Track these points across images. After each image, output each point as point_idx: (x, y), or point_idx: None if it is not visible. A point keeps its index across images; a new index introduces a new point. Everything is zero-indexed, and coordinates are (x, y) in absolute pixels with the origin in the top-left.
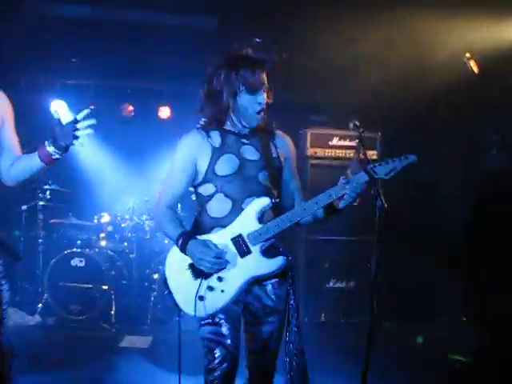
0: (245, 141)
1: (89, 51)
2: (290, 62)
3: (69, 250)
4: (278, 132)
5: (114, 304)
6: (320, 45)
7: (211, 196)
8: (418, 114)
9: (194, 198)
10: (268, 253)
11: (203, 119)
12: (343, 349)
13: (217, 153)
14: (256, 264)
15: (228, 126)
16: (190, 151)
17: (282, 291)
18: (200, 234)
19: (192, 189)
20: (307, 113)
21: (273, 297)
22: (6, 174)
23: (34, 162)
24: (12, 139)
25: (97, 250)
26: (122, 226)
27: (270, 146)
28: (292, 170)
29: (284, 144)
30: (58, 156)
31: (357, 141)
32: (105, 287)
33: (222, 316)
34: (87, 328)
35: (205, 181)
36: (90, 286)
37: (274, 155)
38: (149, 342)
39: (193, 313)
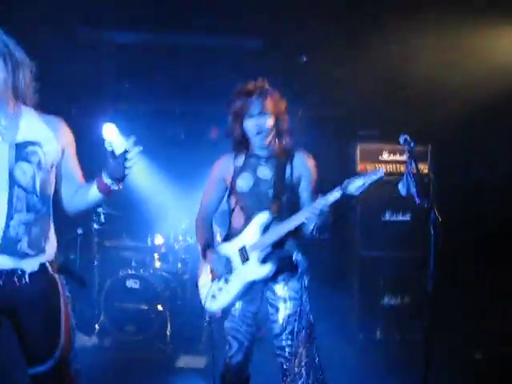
0: (262, 162)
1: (139, 76)
2: (339, 77)
3: (124, 272)
4: (299, 153)
5: (169, 324)
6: (369, 59)
7: (233, 209)
8: (470, 125)
9: None
10: (267, 259)
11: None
12: (400, 366)
13: (238, 172)
14: (252, 270)
15: (251, 150)
16: (220, 173)
17: (294, 283)
18: (227, 240)
19: None
20: (356, 128)
21: (285, 288)
22: (69, 202)
23: (94, 192)
24: (74, 168)
25: (151, 271)
26: (176, 247)
27: (286, 165)
28: (306, 187)
29: (301, 163)
30: (115, 187)
31: (407, 155)
32: (160, 308)
33: (237, 313)
34: (143, 348)
35: (229, 196)
36: (146, 307)
37: (288, 174)
38: (204, 361)
39: (208, 308)
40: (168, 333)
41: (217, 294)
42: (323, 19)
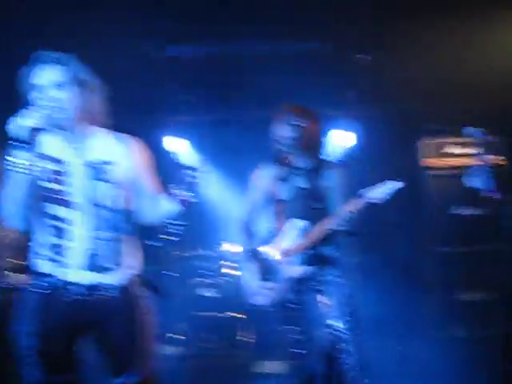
0: (300, 172)
1: (201, 87)
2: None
3: (202, 281)
4: (331, 164)
5: (249, 332)
6: (434, 53)
7: (273, 215)
8: None
9: None
10: (305, 260)
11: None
12: (479, 362)
13: (280, 182)
14: (293, 270)
15: (290, 161)
16: (261, 182)
17: (328, 277)
18: (268, 244)
19: None
20: (422, 122)
21: (327, 283)
22: (145, 216)
23: (168, 205)
24: (148, 183)
25: (229, 279)
26: None
27: (319, 176)
28: (334, 197)
29: (330, 175)
30: (192, 200)
31: (475, 148)
32: (239, 315)
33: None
34: (224, 356)
35: (269, 203)
36: (225, 314)
37: (320, 184)
38: (286, 367)
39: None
40: (249, 340)
41: (263, 293)
42: (387, 19)
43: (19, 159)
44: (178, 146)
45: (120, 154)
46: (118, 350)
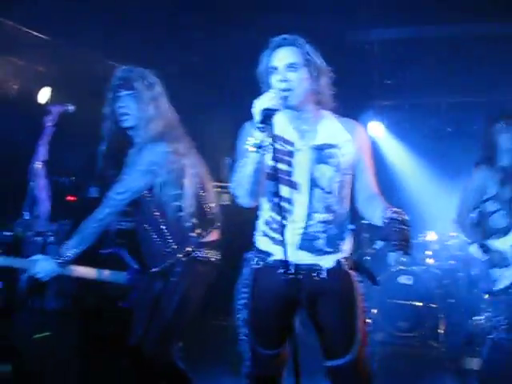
0: None
1: (400, 71)
2: None
3: (397, 268)
4: None
5: (441, 323)
6: None
7: (493, 212)
8: None
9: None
10: None
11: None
12: None
13: (500, 181)
14: None
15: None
16: (480, 181)
17: None
18: (494, 238)
19: None
20: None
21: None
22: (362, 207)
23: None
24: (367, 173)
25: (424, 267)
26: (449, 243)
27: None
28: None
29: None
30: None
31: None
32: (433, 305)
33: None
34: (415, 345)
35: (488, 200)
36: (418, 303)
37: None
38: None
39: None
40: (441, 331)
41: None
42: None
43: (257, 139)
44: (377, 132)
45: (345, 138)
46: (333, 331)
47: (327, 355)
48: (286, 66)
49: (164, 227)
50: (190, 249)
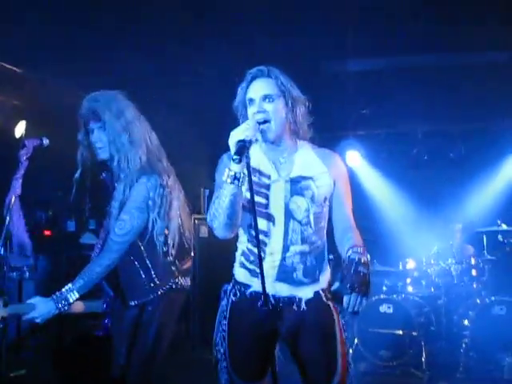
0: None
1: (376, 100)
2: None
3: (377, 297)
4: None
5: (423, 350)
6: None
7: None
8: None
9: None
10: None
11: None
12: None
13: None
14: None
15: None
16: None
17: None
18: None
19: None
20: None
21: None
22: (337, 240)
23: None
24: (344, 202)
25: (403, 295)
26: (428, 271)
27: None
28: None
29: None
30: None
31: None
32: (414, 333)
33: None
34: (398, 374)
35: None
36: (400, 332)
37: None
38: None
39: None
40: (423, 359)
41: None
42: None
43: (233, 171)
44: (354, 161)
45: (320, 170)
46: (314, 363)
47: None
48: (261, 97)
49: (148, 261)
50: (171, 283)
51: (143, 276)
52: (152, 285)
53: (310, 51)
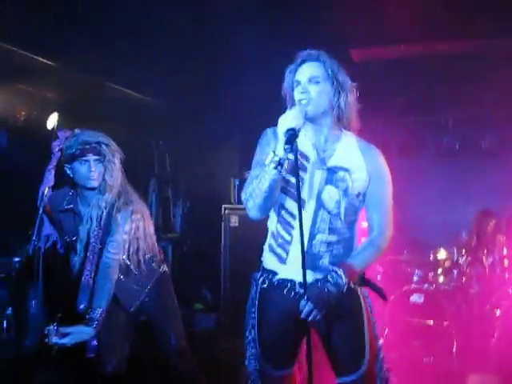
0: None
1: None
2: None
3: (408, 287)
4: None
5: (454, 341)
6: None
7: None
8: None
9: None
10: None
11: None
12: None
13: None
14: None
15: None
16: None
17: None
18: None
19: None
20: None
21: None
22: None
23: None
24: (377, 202)
25: (434, 286)
26: (460, 261)
27: None
28: None
29: None
30: None
31: None
32: (445, 323)
33: None
34: (429, 364)
35: None
36: (431, 322)
37: None
38: (496, 382)
39: None
40: (454, 349)
41: None
42: None
43: (279, 156)
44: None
45: (358, 163)
46: (342, 349)
47: (336, 372)
48: (308, 79)
49: (132, 268)
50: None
51: (130, 280)
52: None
53: (339, 38)
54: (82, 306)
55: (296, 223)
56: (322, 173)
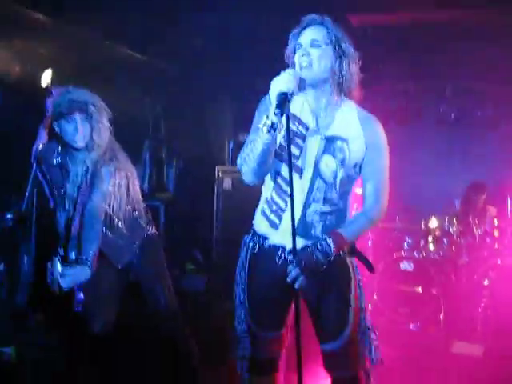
0: None
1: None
2: None
3: (398, 254)
4: None
5: (442, 309)
6: None
7: None
8: None
9: None
10: None
11: None
12: None
13: None
14: None
15: None
16: None
17: None
18: None
19: None
20: None
21: None
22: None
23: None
24: (372, 173)
25: (424, 254)
26: (450, 230)
27: None
28: None
29: None
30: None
31: None
32: (433, 291)
33: None
34: (416, 331)
35: None
36: (419, 289)
37: None
38: (481, 350)
39: None
40: (441, 317)
41: None
42: None
43: (271, 120)
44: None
45: (357, 133)
46: (326, 316)
47: (318, 338)
48: (310, 42)
49: (118, 224)
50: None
51: (116, 237)
52: (125, 242)
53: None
54: (72, 254)
55: (290, 191)
56: (320, 142)
